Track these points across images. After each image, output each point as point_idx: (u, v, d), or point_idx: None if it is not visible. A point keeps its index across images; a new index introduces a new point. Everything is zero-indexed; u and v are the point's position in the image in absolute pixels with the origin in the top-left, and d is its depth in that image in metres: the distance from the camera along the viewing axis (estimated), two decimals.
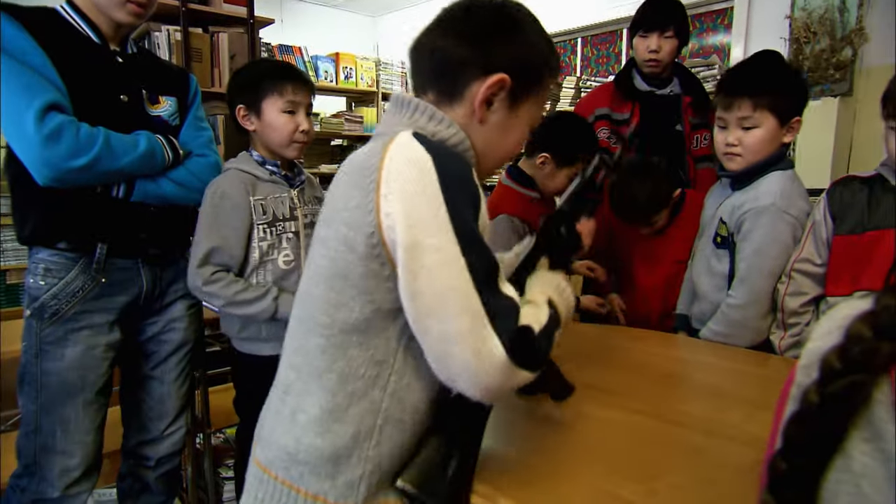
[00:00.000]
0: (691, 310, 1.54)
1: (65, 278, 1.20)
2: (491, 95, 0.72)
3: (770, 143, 1.33)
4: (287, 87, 1.35)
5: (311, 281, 0.72)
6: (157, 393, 1.40)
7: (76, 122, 1.13)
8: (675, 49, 1.84)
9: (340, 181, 0.71)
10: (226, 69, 2.48)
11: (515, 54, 0.72)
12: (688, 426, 0.91)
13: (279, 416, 0.73)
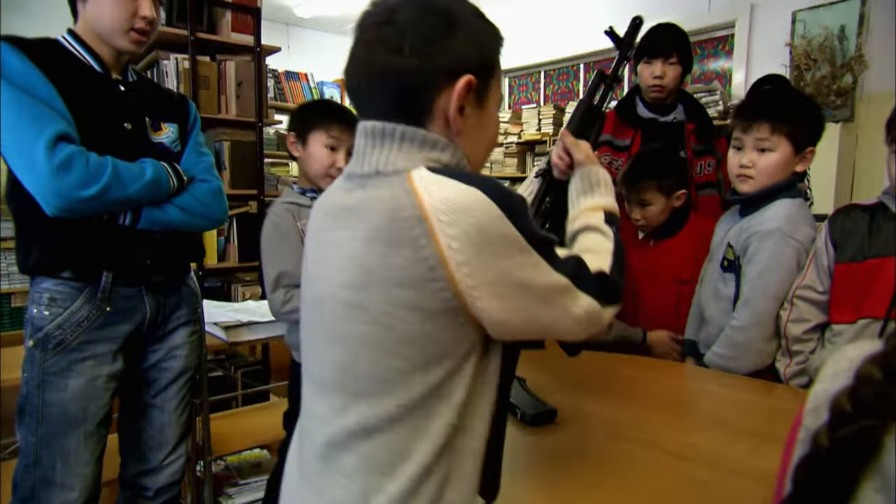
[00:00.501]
0: (699, 335, 1.53)
1: (70, 308, 1.20)
2: (460, 101, 0.64)
3: (783, 169, 1.34)
4: (333, 126, 1.48)
5: (348, 348, 0.64)
6: (157, 421, 1.39)
7: (85, 152, 1.14)
8: (678, 76, 1.86)
9: (357, 237, 0.62)
10: (232, 96, 2.52)
11: (469, 50, 0.64)
12: (693, 460, 0.90)
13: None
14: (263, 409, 2.12)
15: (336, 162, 1.48)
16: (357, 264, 0.62)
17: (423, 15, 0.63)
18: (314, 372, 0.69)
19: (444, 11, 0.64)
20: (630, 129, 1.93)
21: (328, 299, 0.65)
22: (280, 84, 3.90)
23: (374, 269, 0.60)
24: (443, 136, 0.65)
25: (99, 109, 1.23)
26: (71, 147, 1.12)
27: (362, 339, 0.62)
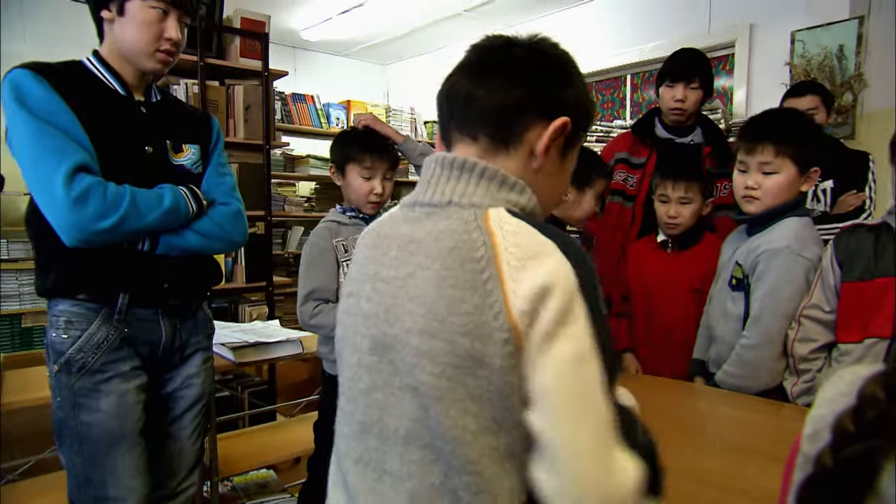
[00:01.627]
0: (708, 354, 1.53)
1: (87, 330, 1.20)
2: (550, 142, 0.65)
3: (788, 190, 1.36)
4: (367, 158, 1.61)
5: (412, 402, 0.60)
6: (171, 448, 1.37)
7: (103, 183, 1.15)
8: (699, 99, 1.91)
9: (428, 277, 0.59)
10: (241, 119, 2.56)
11: (574, 97, 0.67)
12: (704, 481, 0.90)
13: None
14: (270, 429, 2.12)
15: (373, 189, 1.62)
16: (427, 309, 0.59)
17: (541, 55, 0.67)
18: (370, 417, 0.64)
19: (561, 59, 0.68)
20: (646, 147, 1.98)
21: (397, 345, 0.61)
22: (287, 106, 3.96)
23: (440, 314, 0.57)
24: (520, 172, 0.65)
25: (120, 134, 1.23)
26: (89, 178, 1.12)
27: (431, 392, 0.58)
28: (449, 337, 0.57)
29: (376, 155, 1.62)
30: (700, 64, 1.91)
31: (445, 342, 0.57)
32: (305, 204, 4.36)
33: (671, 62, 1.93)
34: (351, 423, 0.67)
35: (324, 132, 4.07)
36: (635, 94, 4.03)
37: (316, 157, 4.16)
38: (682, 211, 1.67)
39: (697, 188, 1.66)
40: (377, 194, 1.62)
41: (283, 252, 4.29)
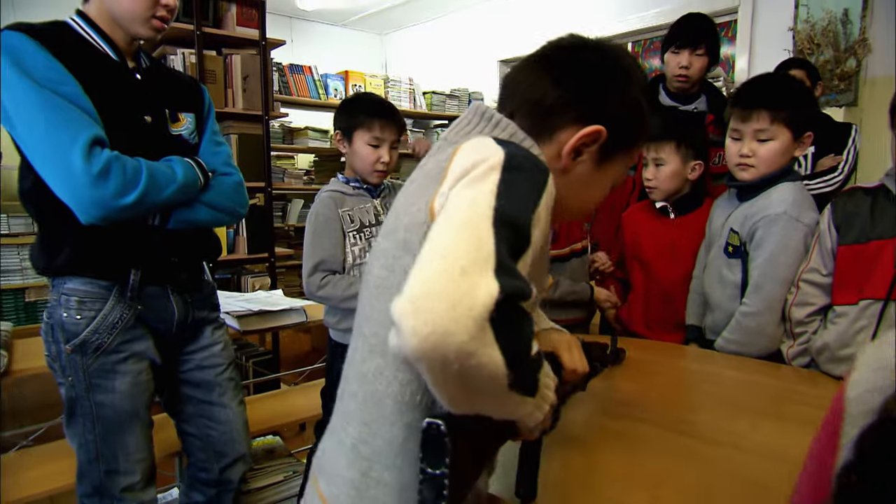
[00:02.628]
0: (704, 321, 1.55)
1: (102, 310, 1.17)
2: (582, 146, 0.66)
3: (783, 156, 1.36)
4: (375, 125, 1.57)
5: (369, 296, 0.65)
6: (222, 418, 1.38)
7: (121, 157, 1.10)
8: (704, 66, 1.88)
9: (408, 190, 0.66)
10: (239, 89, 2.55)
11: (617, 108, 0.67)
12: (693, 435, 0.93)
13: (342, 446, 0.67)
14: (275, 397, 2.16)
15: (381, 157, 1.58)
16: (393, 216, 0.64)
17: (601, 59, 0.67)
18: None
19: (620, 67, 0.68)
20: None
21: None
22: (284, 77, 3.92)
23: (400, 215, 0.63)
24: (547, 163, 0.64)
25: (119, 103, 1.17)
26: (107, 153, 1.07)
27: (376, 282, 0.63)
28: (397, 233, 0.61)
29: (386, 122, 1.58)
30: (707, 30, 1.88)
31: (394, 238, 0.62)
32: (305, 177, 4.35)
33: (677, 27, 1.90)
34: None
35: (322, 103, 4.04)
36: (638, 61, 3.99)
37: (314, 129, 4.14)
38: (658, 173, 1.64)
39: (671, 148, 1.62)
40: (384, 163, 1.59)
41: (284, 225, 4.30)
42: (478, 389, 0.48)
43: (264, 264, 2.83)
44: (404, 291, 0.46)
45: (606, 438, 0.93)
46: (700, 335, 1.56)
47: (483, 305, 0.45)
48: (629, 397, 1.09)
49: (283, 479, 1.82)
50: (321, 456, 0.72)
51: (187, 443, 1.42)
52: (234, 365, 1.43)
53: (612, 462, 0.85)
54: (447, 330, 0.44)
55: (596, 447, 0.90)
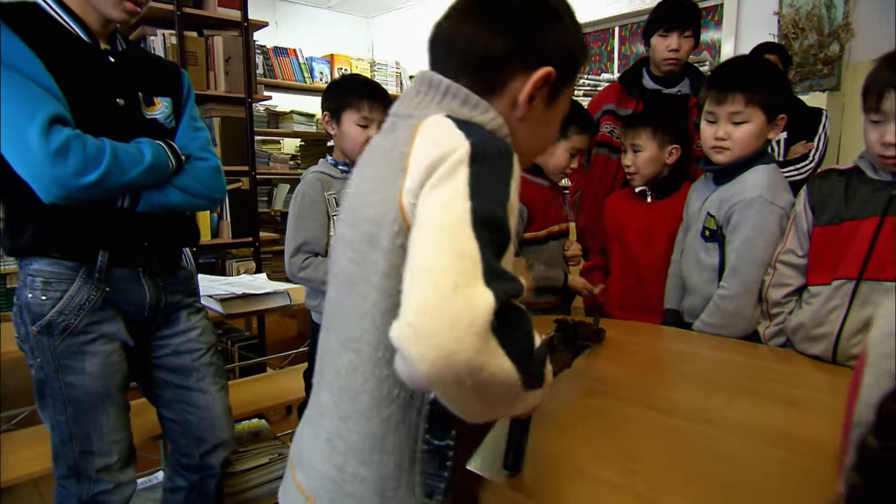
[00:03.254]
0: (682, 304, 1.57)
1: (68, 291, 1.16)
2: (533, 92, 0.65)
3: (757, 139, 1.37)
4: (364, 105, 1.55)
5: (339, 289, 0.65)
6: (201, 402, 1.37)
7: (82, 136, 1.08)
8: (691, 48, 1.89)
9: (363, 173, 0.66)
10: (221, 72, 2.51)
11: (559, 46, 0.66)
12: (669, 412, 0.94)
13: (317, 439, 0.67)
14: (260, 381, 2.16)
15: (370, 137, 1.55)
16: (353, 202, 0.65)
17: (531, 2, 0.66)
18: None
19: (549, 4, 0.67)
20: (633, 99, 1.97)
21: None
22: (269, 60, 3.87)
23: (363, 205, 0.62)
24: (502, 116, 0.65)
25: (89, 85, 1.16)
26: (66, 131, 1.06)
27: (345, 276, 0.64)
28: (361, 224, 0.61)
29: (375, 102, 1.56)
30: (693, 12, 1.89)
31: (359, 230, 0.62)
32: (291, 161, 4.32)
33: (663, 10, 1.90)
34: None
35: (307, 87, 4.00)
36: (623, 46, 3.99)
37: (300, 113, 4.10)
38: (636, 159, 1.65)
39: (648, 135, 1.63)
40: None
41: (270, 210, 4.28)
42: (495, 398, 0.49)
43: (249, 249, 2.82)
44: (401, 315, 0.46)
45: (585, 415, 0.94)
46: (678, 318, 1.58)
47: (482, 318, 0.45)
48: (608, 376, 1.10)
49: (268, 461, 1.83)
50: (298, 441, 0.72)
51: (167, 428, 1.41)
52: (214, 350, 1.42)
53: (591, 438, 0.86)
54: (453, 349, 0.44)
55: (575, 424, 0.91)
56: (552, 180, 1.77)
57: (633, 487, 0.72)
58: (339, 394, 0.64)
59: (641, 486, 0.72)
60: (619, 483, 0.73)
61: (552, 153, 1.72)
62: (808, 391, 1.06)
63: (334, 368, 0.65)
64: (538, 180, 1.76)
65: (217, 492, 1.45)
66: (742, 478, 0.75)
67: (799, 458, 0.79)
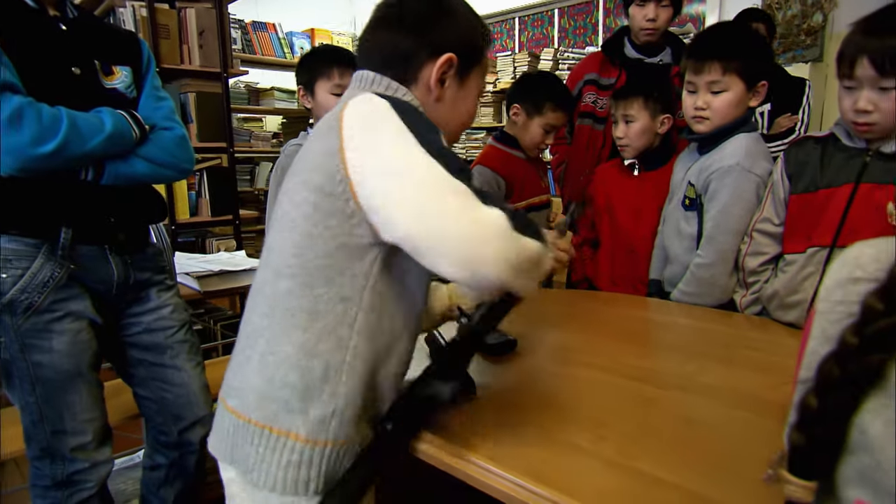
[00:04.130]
0: (663, 273, 1.57)
1: (30, 268, 1.12)
2: (442, 74, 0.81)
3: (737, 107, 1.36)
4: (334, 72, 1.52)
5: (277, 233, 0.76)
6: (176, 380, 1.35)
7: (35, 104, 1.03)
8: (670, 17, 1.87)
9: (307, 145, 0.78)
10: (195, 45, 2.45)
11: (455, 34, 0.81)
12: (643, 379, 0.95)
13: (249, 362, 0.74)
14: None
15: None
16: (298, 164, 0.77)
17: (422, 2, 0.82)
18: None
19: (441, 3, 0.82)
20: (615, 68, 1.94)
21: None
22: (248, 35, 3.78)
23: (304, 161, 0.75)
24: (423, 104, 0.81)
25: (41, 53, 1.11)
26: (18, 98, 1.01)
27: (285, 218, 0.74)
28: (302, 175, 0.74)
29: (345, 68, 1.55)
30: None
31: (300, 178, 0.74)
32: (273, 140, 4.26)
33: None
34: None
35: (287, 63, 3.92)
36: (608, 19, 3.94)
37: (281, 90, 4.03)
38: (628, 131, 1.64)
39: (640, 105, 1.61)
40: None
41: (253, 189, 4.22)
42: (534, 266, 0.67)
43: (229, 227, 2.79)
44: (448, 255, 0.61)
45: (557, 384, 0.94)
46: (660, 288, 1.58)
47: (502, 229, 0.62)
48: (582, 346, 1.11)
49: None
50: (228, 375, 0.80)
51: (143, 406, 1.40)
52: (188, 327, 1.40)
53: (561, 406, 0.86)
54: (506, 258, 0.61)
55: (546, 392, 0.91)
56: (526, 150, 1.76)
57: (603, 453, 0.72)
58: (280, 315, 0.72)
59: (610, 451, 0.72)
60: (589, 449, 0.73)
61: (527, 129, 1.70)
62: (782, 358, 1.07)
63: (270, 296, 0.74)
64: (516, 153, 1.74)
65: (198, 468, 1.45)
66: (712, 441, 0.75)
67: (769, 422, 0.79)
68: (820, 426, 0.38)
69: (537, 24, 4.50)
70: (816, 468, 0.39)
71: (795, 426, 0.40)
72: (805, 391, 0.39)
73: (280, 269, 0.73)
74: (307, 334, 0.70)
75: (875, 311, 0.37)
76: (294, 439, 0.70)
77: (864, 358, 0.37)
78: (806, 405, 0.39)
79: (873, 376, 0.37)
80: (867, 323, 0.37)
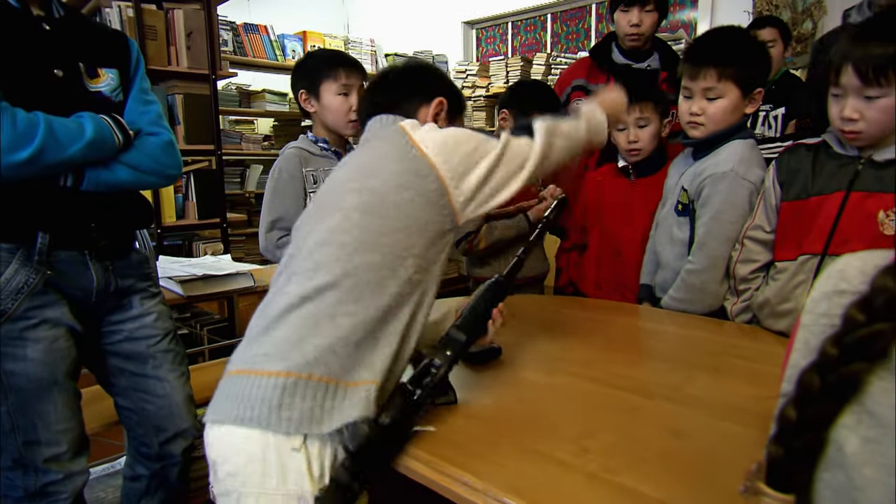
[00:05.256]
0: (654, 279, 1.55)
1: (3, 274, 1.08)
2: (436, 114, 1.04)
3: (732, 114, 1.35)
4: (340, 73, 1.53)
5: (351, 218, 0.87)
6: (159, 391, 1.31)
7: (10, 108, 1.00)
8: (655, 23, 1.86)
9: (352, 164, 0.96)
10: (183, 47, 2.42)
11: (445, 85, 1.09)
12: (627, 389, 0.93)
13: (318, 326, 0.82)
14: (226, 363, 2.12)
15: (352, 105, 1.54)
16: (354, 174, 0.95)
17: (406, 70, 1.10)
18: None
19: (433, 68, 1.16)
20: (604, 73, 1.93)
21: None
22: (239, 37, 3.76)
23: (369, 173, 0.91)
24: None
25: (20, 54, 1.07)
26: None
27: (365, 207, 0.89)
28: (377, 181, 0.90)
29: (349, 68, 1.56)
30: None
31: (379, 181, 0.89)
32: (264, 142, 4.23)
33: None
34: None
35: (279, 65, 3.90)
36: (600, 24, 3.94)
37: (272, 92, 4.01)
38: (641, 134, 1.63)
39: (652, 108, 1.62)
40: (356, 111, 1.54)
41: (243, 191, 4.19)
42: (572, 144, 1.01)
43: (217, 230, 2.75)
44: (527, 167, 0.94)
45: (542, 394, 0.92)
46: (651, 293, 1.56)
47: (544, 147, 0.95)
48: (569, 354, 1.08)
49: None
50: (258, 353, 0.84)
51: (124, 416, 1.35)
52: (172, 336, 1.36)
53: (545, 417, 0.84)
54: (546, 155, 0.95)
55: (528, 402, 0.89)
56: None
57: (586, 467, 0.70)
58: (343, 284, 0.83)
59: (593, 466, 0.70)
60: (571, 463, 0.71)
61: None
62: (772, 367, 1.04)
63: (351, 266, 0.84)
64: None
65: (180, 478, 1.41)
66: (697, 455, 0.73)
67: (756, 434, 0.77)
68: (797, 438, 0.38)
69: (530, 29, 4.50)
70: (794, 481, 0.38)
71: (773, 438, 0.39)
72: (784, 403, 0.39)
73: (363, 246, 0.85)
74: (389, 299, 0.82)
75: (855, 322, 0.36)
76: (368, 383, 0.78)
77: (844, 368, 0.36)
78: (785, 417, 0.38)
79: (853, 387, 0.36)
80: (847, 333, 0.36)
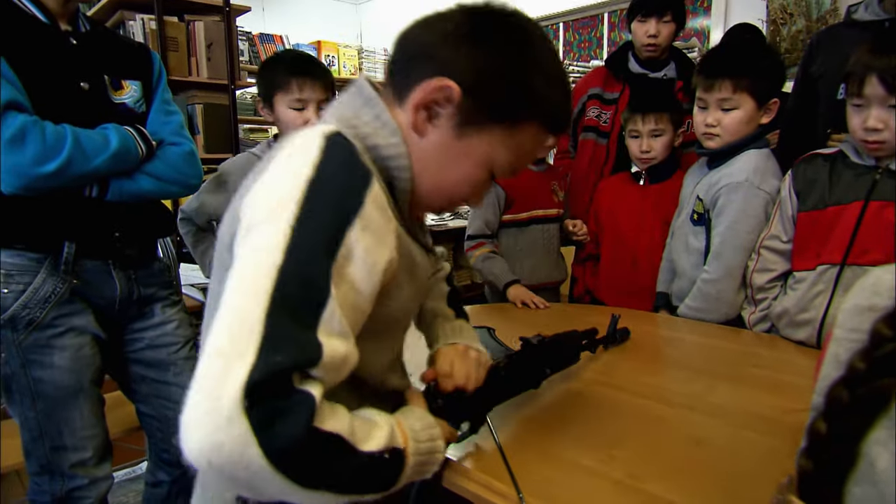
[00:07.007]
0: (671, 287, 1.56)
1: (32, 284, 1.11)
2: (432, 102, 0.58)
3: (748, 125, 1.36)
4: (293, 85, 1.38)
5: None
6: (181, 397, 1.33)
7: (40, 122, 1.03)
8: (672, 33, 1.87)
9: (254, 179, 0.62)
10: (203, 58, 2.46)
11: (480, 63, 0.56)
12: (650, 397, 0.94)
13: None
14: None
15: (307, 121, 1.38)
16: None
17: (490, 16, 0.58)
18: None
19: (501, 25, 0.58)
20: (619, 83, 1.95)
21: None
22: (255, 47, 3.82)
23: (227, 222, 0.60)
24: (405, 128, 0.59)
25: (49, 68, 1.10)
26: (22, 117, 1.01)
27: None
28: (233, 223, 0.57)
29: (305, 79, 1.39)
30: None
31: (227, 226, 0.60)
32: None
33: None
34: None
35: None
36: (613, 33, 3.95)
37: None
38: (654, 144, 1.65)
39: (667, 119, 1.64)
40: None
41: None
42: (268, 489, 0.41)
43: None
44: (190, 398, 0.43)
45: (566, 402, 0.93)
46: (668, 302, 1.57)
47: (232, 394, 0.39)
48: (590, 362, 1.09)
49: None
50: None
51: (145, 423, 1.38)
52: (194, 343, 1.38)
53: (571, 424, 0.85)
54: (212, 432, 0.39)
55: (555, 410, 0.90)
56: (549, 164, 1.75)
57: (612, 474, 0.71)
58: None
59: (619, 473, 0.71)
60: (598, 470, 0.72)
61: None
62: (792, 377, 1.06)
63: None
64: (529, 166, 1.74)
65: None
66: (720, 464, 0.74)
67: (778, 443, 0.78)
68: (828, 452, 0.38)
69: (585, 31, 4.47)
70: (824, 495, 0.39)
71: (804, 451, 0.39)
72: (815, 416, 0.39)
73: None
74: None
75: (883, 337, 0.36)
76: None
77: (873, 383, 0.36)
78: (815, 430, 0.39)
79: (882, 401, 0.37)
80: (875, 348, 0.37)
